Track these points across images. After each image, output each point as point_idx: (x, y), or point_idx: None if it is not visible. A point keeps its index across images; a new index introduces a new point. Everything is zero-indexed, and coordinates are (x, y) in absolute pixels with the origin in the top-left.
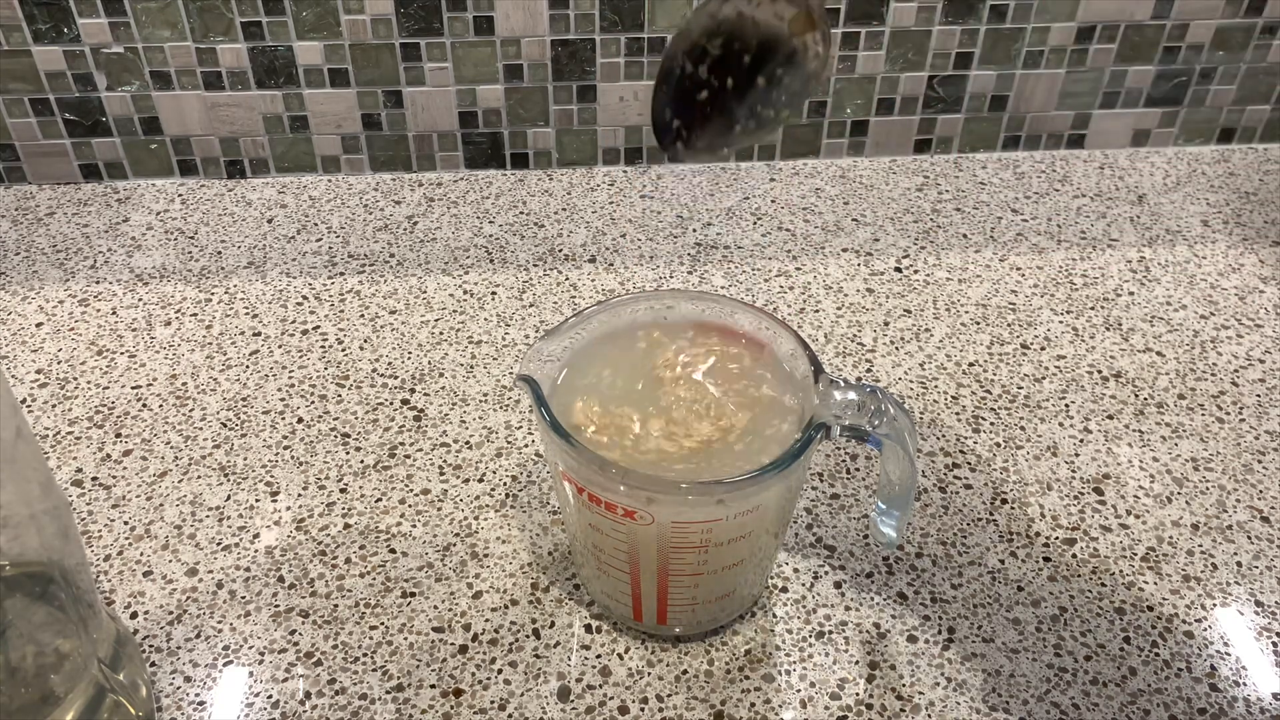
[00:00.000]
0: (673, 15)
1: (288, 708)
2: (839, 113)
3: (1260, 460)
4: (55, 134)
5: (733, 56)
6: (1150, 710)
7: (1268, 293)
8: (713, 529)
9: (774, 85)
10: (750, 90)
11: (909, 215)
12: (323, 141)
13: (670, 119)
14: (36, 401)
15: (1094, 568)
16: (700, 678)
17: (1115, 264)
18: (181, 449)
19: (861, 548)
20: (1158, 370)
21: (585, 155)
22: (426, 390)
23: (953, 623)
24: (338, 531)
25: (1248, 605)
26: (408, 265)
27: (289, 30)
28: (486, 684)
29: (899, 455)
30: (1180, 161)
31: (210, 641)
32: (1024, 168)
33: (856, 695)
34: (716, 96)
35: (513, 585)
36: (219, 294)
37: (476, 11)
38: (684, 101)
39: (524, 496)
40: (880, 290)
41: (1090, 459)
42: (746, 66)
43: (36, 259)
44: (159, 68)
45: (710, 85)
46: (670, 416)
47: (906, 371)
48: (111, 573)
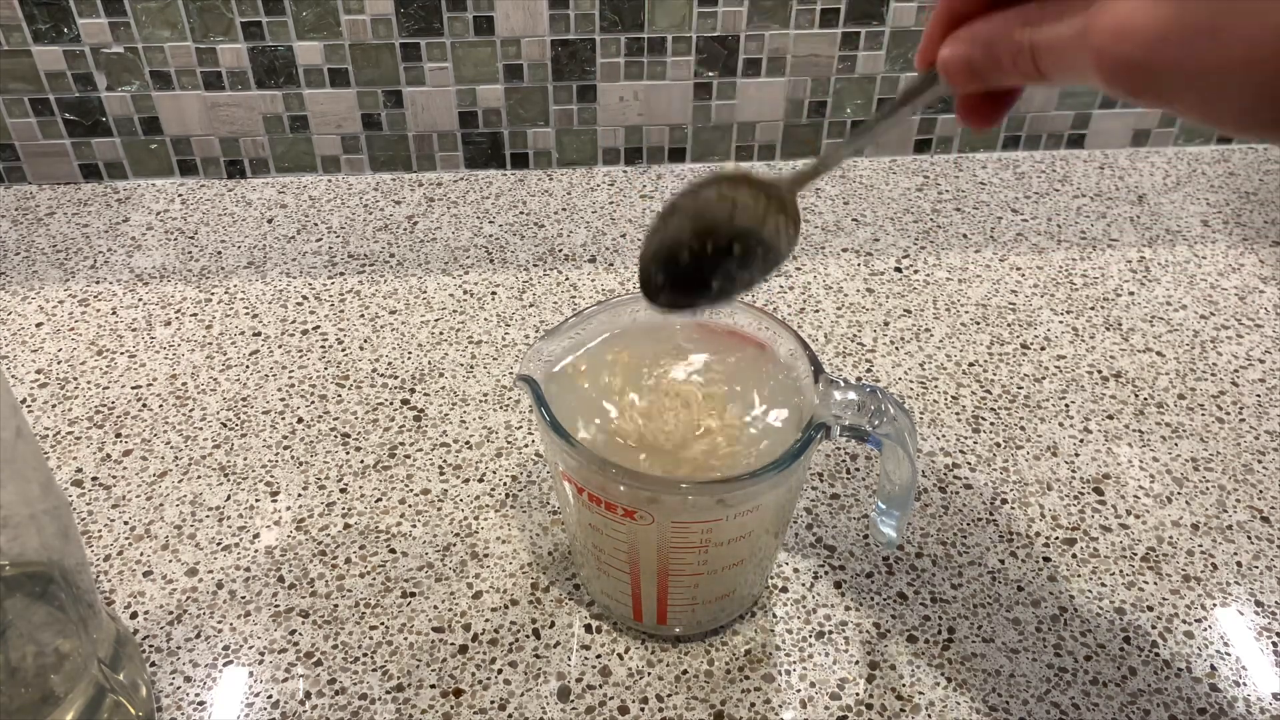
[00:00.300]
0: (673, 15)
1: (288, 708)
2: (839, 113)
3: (1260, 460)
4: (55, 134)
5: (713, 231)
6: (1150, 710)
7: (1268, 293)
8: (713, 529)
9: (748, 257)
10: (726, 260)
11: (909, 215)
12: (323, 141)
13: (655, 277)
14: (36, 401)
15: (1094, 568)
16: (700, 678)
17: (1115, 264)
18: (181, 449)
19: (861, 548)
20: (1158, 370)
21: (585, 155)
22: (426, 390)
23: (953, 623)
24: (338, 531)
25: (1248, 605)
26: (408, 265)
27: (289, 30)
28: (486, 684)
29: (899, 455)
30: (1180, 161)
31: (210, 641)
32: (1024, 168)
33: (856, 695)
34: (698, 262)
35: (513, 585)
36: (219, 294)
37: (476, 11)
38: (669, 265)
39: (524, 496)
40: (880, 290)
41: (1090, 459)
42: (725, 240)
43: (36, 259)
44: (159, 68)
45: (692, 250)
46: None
47: (906, 371)
48: (111, 573)
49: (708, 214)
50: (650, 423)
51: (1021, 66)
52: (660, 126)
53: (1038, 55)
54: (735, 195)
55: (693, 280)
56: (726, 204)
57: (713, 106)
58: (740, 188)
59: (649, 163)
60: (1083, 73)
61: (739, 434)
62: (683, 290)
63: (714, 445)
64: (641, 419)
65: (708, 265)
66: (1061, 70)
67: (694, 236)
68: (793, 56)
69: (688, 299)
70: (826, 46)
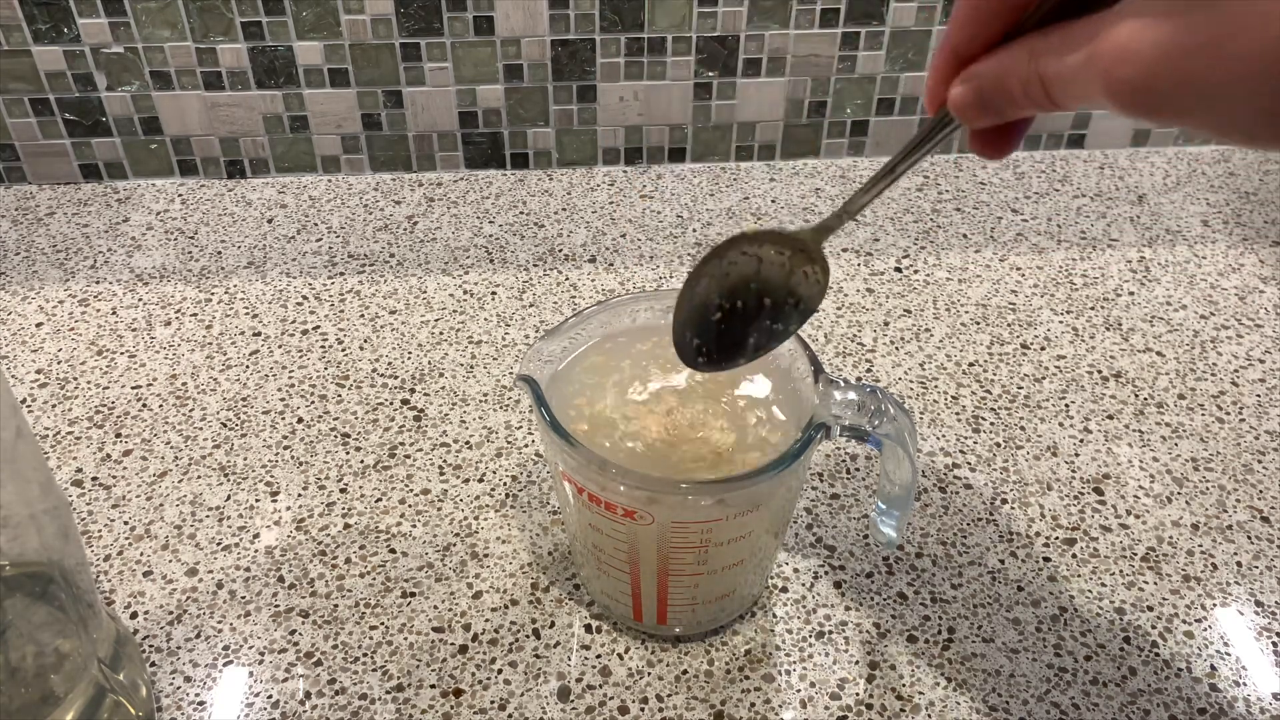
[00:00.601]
0: (673, 15)
1: (288, 708)
2: (839, 113)
3: (1260, 460)
4: (55, 134)
5: (743, 289)
6: (1150, 710)
7: (1268, 293)
8: (713, 529)
9: (780, 310)
10: (760, 313)
11: (909, 215)
12: (323, 141)
13: (690, 340)
14: (36, 401)
15: (1094, 568)
16: (700, 678)
17: (1115, 264)
18: (181, 449)
19: (861, 548)
20: (1158, 370)
21: (585, 155)
22: (426, 390)
23: (953, 623)
24: (338, 531)
25: (1248, 605)
26: (408, 265)
27: (289, 30)
28: (486, 684)
29: (899, 455)
30: (1180, 161)
31: (210, 641)
32: (1024, 168)
33: (856, 695)
34: (730, 319)
35: (513, 585)
36: (219, 294)
37: (476, 11)
38: (702, 326)
39: (524, 496)
40: (880, 290)
41: (1090, 459)
42: (754, 296)
43: (36, 259)
44: (159, 68)
45: (723, 309)
46: (670, 416)
47: (906, 371)
48: (111, 573)
49: (734, 273)
50: (650, 423)
51: (1033, 97)
52: (660, 126)
53: (1048, 85)
54: (759, 252)
55: (728, 340)
56: (752, 261)
57: (713, 106)
58: (764, 244)
59: (649, 163)
60: (1093, 97)
61: (739, 434)
62: (719, 350)
63: (714, 445)
64: (642, 419)
65: (741, 323)
66: (1072, 97)
67: (724, 297)
68: (793, 56)
69: (725, 359)
70: (826, 46)
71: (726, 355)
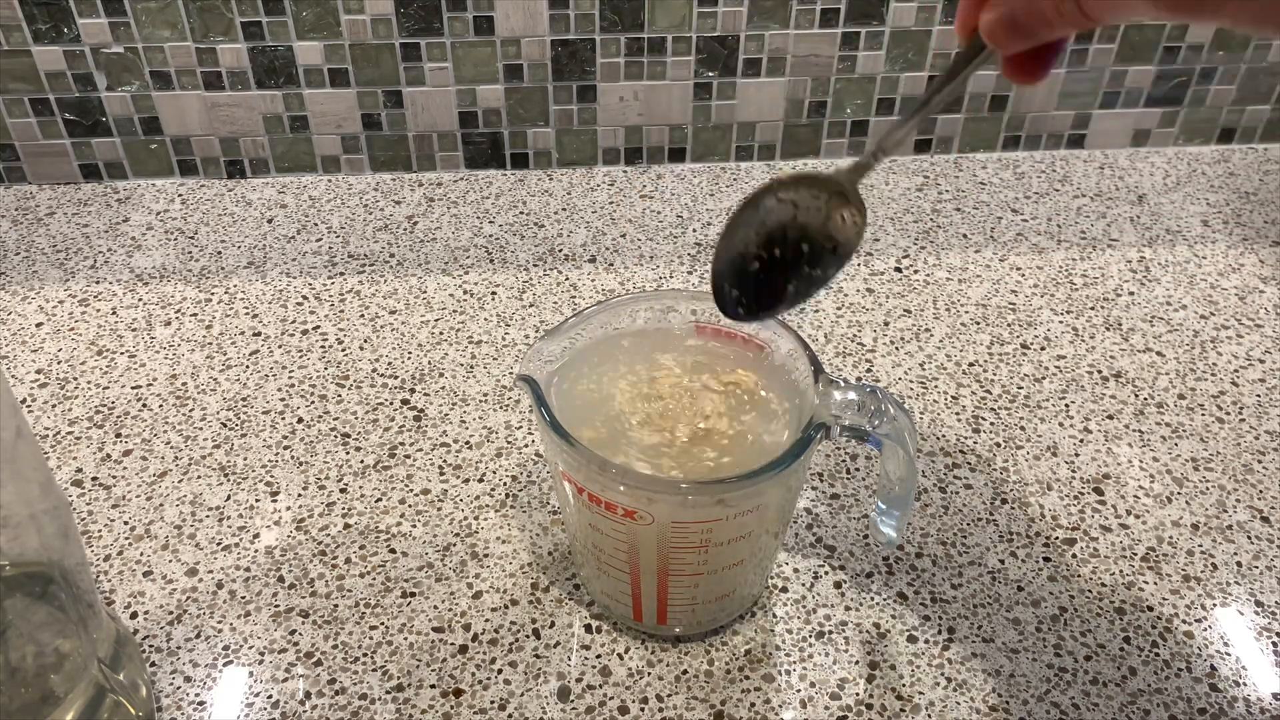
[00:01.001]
0: (673, 15)
1: (288, 708)
2: (839, 113)
3: (1260, 460)
4: (55, 134)
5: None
6: (1150, 710)
7: (1268, 293)
8: (713, 529)
9: (818, 252)
10: (799, 259)
11: (909, 215)
12: (323, 141)
13: (729, 291)
14: (36, 401)
15: (1094, 568)
16: (700, 678)
17: (1115, 264)
18: (181, 449)
19: (861, 548)
20: (1158, 370)
21: (585, 155)
22: (426, 390)
23: (953, 623)
24: (338, 531)
25: (1248, 605)
26: (408, 265)
27: (289, 30)
28: (486, 684)
29: (899, 455)
30: (1180, 161)
31: (210, 641)
32: (1024, 168)
33: (856, 695)
34: (768, 269)
35: (513, 585)
36: (219, 294)
37: (476, 11)
38: (740, 276)
39: (524, 496)
40: (880, 290)
41: (1090, 459)
42: (792, 243)
43: (36, 259)
44: (159, 68)
45: (761, 259)
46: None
47: (906, 371)
48: (111, 573)
49: (771, 220)
50: (650, 423)
51: (1067, 14)
52: (660, 126)
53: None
54: (795, 197)
55: (768, 289)
56: (788, 207)
57: (713, 106)
58: (799, 188)
59: (649, 163)
60: (1131, 5)
61: (739, 433)
62: (758, 299)
63: (714, 445)
64: (642, 419)
65: (780, 272)
66: (1108, 8)
67: (762, 245)
68: (793, 56)
69: (765, 308)
70: (826, 46)
71: (766, 305)
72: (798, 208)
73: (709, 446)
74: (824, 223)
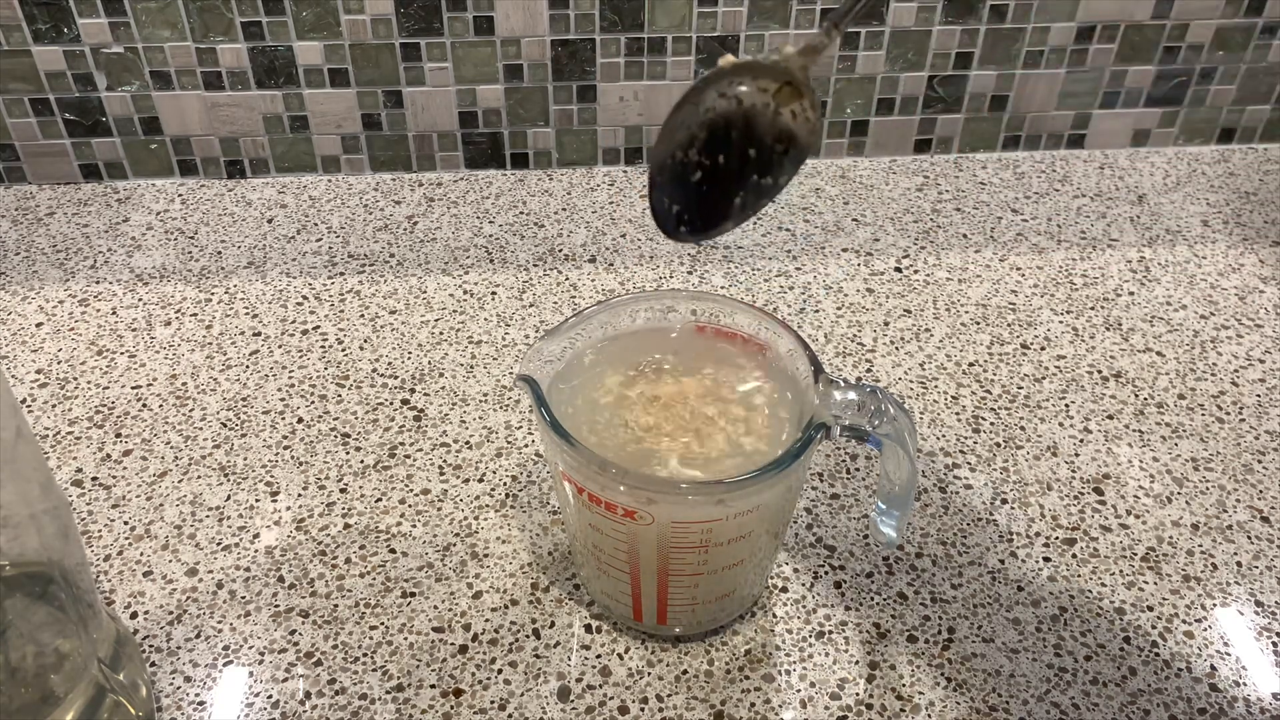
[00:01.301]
0: (673, 15)
1: (288, 708)
2: (839, 113)
3: (1260, 460)
4: (55, 134)
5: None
6: (1150, 710)
7: (1268, 293)
8: (713, 529)
9: (768, 156)
10: (745, 166)
11: (909, 215)
12: (323, 141)
13: (669, 206)
14: (36, 401)
15: (1094, 568)
16: (700, 678)
17: (1115, 264)
18: (181, 449)
19: (861, 548)
20: (1158, 370)
21: (585, 155)
22: (426, 390)
23: (953, 623)
24: (338, 531)
25: (1248, 605)
26: (408, 265)
27: (289, 30)
28: (486, 684)
29: (899, 455)
30: (1180, 161)
31: (210, 641)
32: (1024, 168)
33: (856, 695)
34: (712, 177)
35: (513, 585)
36: (219, 294)
37: (476, 11)
38: (681, 188)
39: (524, 496)
40: (880, 290)
41: (1090, 459)
42: (737, 144)
43: (36, 259)
44: (159, 68)
45: (704, 167)
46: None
47: (906, 371)
48: (111, 573)
49: (713, 120)
50: (650, 423)
51: None
52: (660, 126)
53: None
54: (740, 91)
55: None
56: (731, 103)
57: None
58: (743, 80)
59: (649, 163)
60: None
61: (739, 434)
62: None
63: (714, 445)
64: (642, 419)
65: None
66: None
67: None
68: None
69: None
70: None
71: (711, 220)
72: (742, 103)
73: (710, 446)
74: (773, 119)
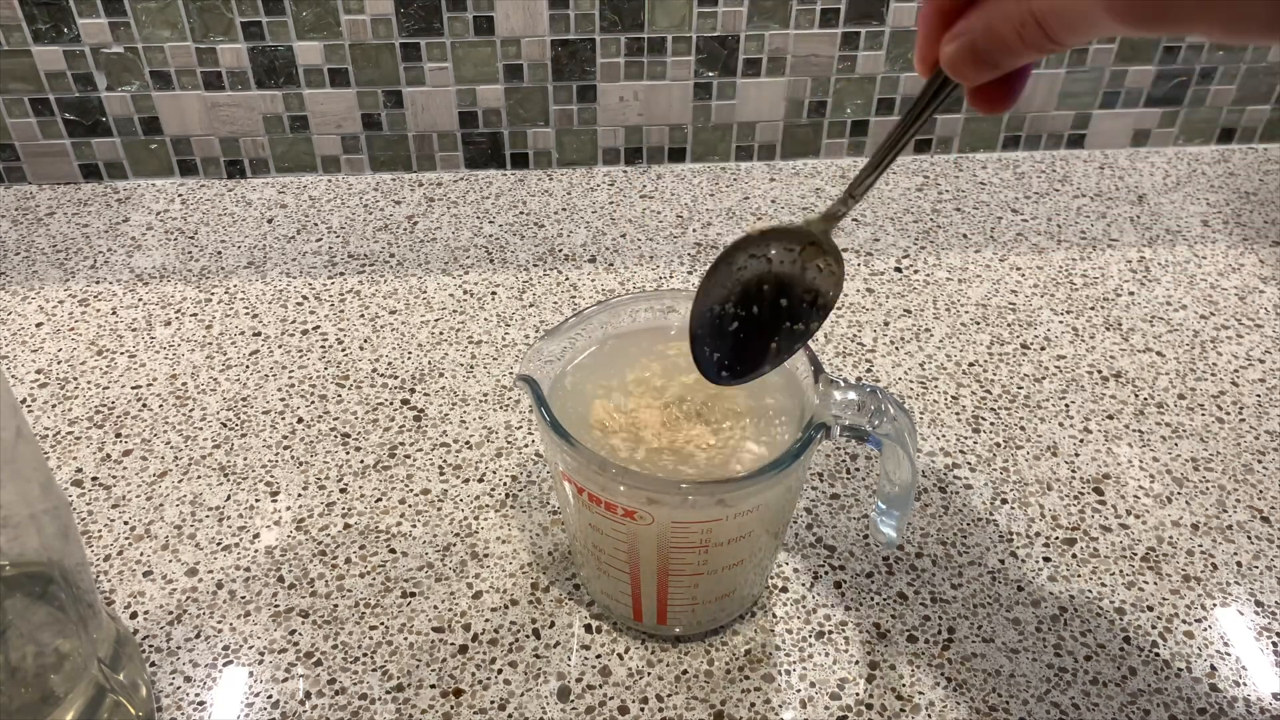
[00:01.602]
0: (673, 15)
1: (288, 708)
2: (839, 113)
3: (1260, 460)
4: (55, 134)
5: (756, 292)
6: (1150, 710)
7: (1268, 293)
8: (713, 529)
9: (798, 306)
10: (778, 316)
11: (909, 215)
12: (323, 141)
13: (711, 355)
14: (36, 401)
15: (1094, 568)
16: (700, 678)
17: (1115, 264)
18: (181, 449)
19: (861, 548)
20: (1158, 370)
21: (585, 155)
22: (426, 390)
23: (953, 623)
24: (338, 531)
25: (1248, 605)
26: (408, 265)
27: (289, 30)
28: (486, 684)
29: (899, 455)
30: (1180, 161)
31: (210, 641)
32: (1024, 168)
33: (856, 695)
34: (748, 327)
35: (513, 585)
36: (219, 294)
37: (476, 11)
38: (721, 338)
39: (524, 496)
40: (880, 290)
41: (1090, 459)
42: (769, 297)
43: (36, 259)
44: (159, 68)
45: (740, 318)
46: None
47: (906, 371)
48: (111, 573)
49: (745, 277)
50: (651, 424)
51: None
52: (660, 126)
53: (1044, 22)
54: (768, 252)
55: (749, 347)
56: (761, 263)
57: (713, 106)
58: (771, 242)
59: (649, 163)
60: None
61: (739, 434)
62: (742, 360)
63: (714, 445)
64: (642, 419)
65: (760, 330)
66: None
67: (738, 306)
68: (793, 56)
69: (749, 369)
70: (826, 46)
71: (749, 365)
72: (772, 262)
73: (710, 446)
74: (800, 274)
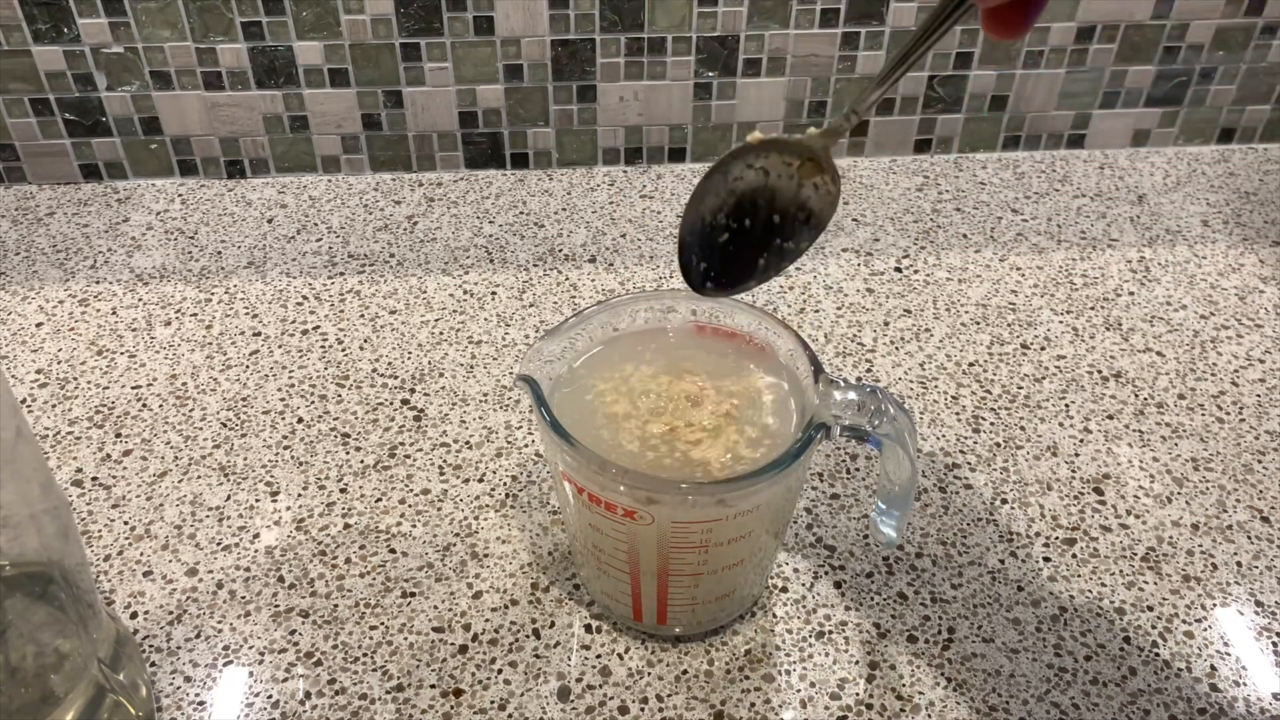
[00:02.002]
0: (673, 15)
1: (288, 708)
2: (839, 112)
3: (1260, 460)
4: (55, 134)
5: (749, 205)
6: (1150, 710)
7: (1268, 293)
8: (713, 529)
9: (790, 223)
10: (769, 231)
11: (909, 215)
12: (323, 141)
13: (698, 264)
14: (36, 401)
15: (1094, 568)
16: (700, 678)
17: (1115, 264)
18: (181, 449)
19: (861, 548)
20: (1158, 370)
21: (585, 155)
22: (426, 390)
23: (953, 623)
24: (338, 531)
25: (1248, 605)
26: (408, 265)
27: (289, 30)
28: (486, 684)
29: (899, 455)
30: (1180, 161)
31: (210, 641)
32: (1024, 168)
33: (856, 695)
34: (738, 240)
35: (513, 585)
36: (219, 294)
37: (476, 11)
38: (709, 249)
39: (524, 496)
40: (880, 290)
41: (1090, 459)
42: (762, 211)
43: (36, 259)
44: (159, 68)
45: (731, 230)
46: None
47: (906, 371)
48: (111, 573)
49: (740, 188)
50: (650, 423)
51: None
52: (660, 126)
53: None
54: (766, 164)
55: (738, 261)
56: (758, 174)
57: (713, 106)
58: (769, 154)
59: (649, 163)
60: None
61: (739, 434)
62: (729, 273)
63: (714, 445)
64: (642, 418)
65: (750, 243)
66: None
67: (731, 215)
68: (793, 56)
69: (735, 281)
70: (826, 46)
71: (735, 278)
72: (769, 175)
73: (708, 446)
74: (796, 191)
